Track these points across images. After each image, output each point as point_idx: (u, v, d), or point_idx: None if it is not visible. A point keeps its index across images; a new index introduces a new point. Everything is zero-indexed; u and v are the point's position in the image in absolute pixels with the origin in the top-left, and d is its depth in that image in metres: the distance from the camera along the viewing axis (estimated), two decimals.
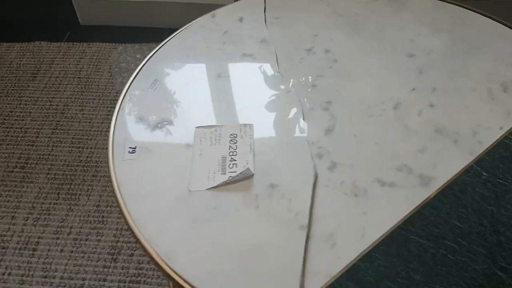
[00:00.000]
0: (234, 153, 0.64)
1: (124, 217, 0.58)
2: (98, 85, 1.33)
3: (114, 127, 0.68)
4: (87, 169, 1.12)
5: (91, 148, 1.17)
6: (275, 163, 0.63)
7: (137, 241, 0.56)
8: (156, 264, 0.53)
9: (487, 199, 0.57)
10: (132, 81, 0.75)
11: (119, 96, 0.72)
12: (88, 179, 1.10)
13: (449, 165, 0.62)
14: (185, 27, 0.85)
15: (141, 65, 0.78)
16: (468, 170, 0.61)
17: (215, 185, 0.60)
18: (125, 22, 1.55)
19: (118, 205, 0.59)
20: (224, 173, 0.61)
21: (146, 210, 0.58)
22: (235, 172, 0.61)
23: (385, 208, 0.58)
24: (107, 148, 0.66)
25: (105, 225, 1.01)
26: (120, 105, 0.71)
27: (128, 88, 0.74)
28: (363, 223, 0.56)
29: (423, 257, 0.52)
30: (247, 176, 0.61)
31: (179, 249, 0.54)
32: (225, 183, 0.60)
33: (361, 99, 0.71)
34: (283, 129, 0.67)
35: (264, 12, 0.87)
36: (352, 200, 0.59)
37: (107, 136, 1.20)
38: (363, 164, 0.63)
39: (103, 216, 1.03)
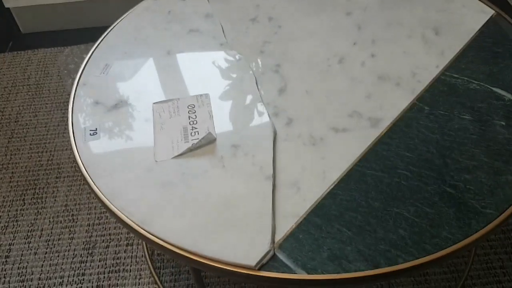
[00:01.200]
0: (195, 122, 0.66)
1: (95, 194, 0.59)
2: (49, 90, 1.31)
3: (72, 113, 0.69)
4: (50, 172, 1.11)
5: (50, 151, 1.16)
6: (235, 126, 0.66)
7: (111, 213, 0.57)
8: (134, 231, 0.55)
9: (431, 129, 0.63)
10: (83, 68, 0.76)
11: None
12: (52, 181, 1.09)
13: (394, 105, 0.67)
14: (129, 11, 0.86)
15: (90, 53, 0.78)
16: (411, 108, 0.66)
17: (180, 152, 0.62)
18: (68, 25, 1.52)
19: (87, 184, 0.60)
20: (187, 141, 0.63)
21: (116, 184, 0.60)
22: (198, 139, 0.63)
23: (342, 151, 0.62)
24: (67, 135, 0.66)
25: (76, 222, 1.01)
26: (75, 92, 0.72)
27: (80, 76, 0.75)
28: (323, 167, 0.60)
29: (380, 186, 0.56)
30: (210, 141, 0.63)
31: (153, 214, 0.56)
32: (189, 150, 0.62)
33: (308, 58, 0.75)
34: (239, 94, 0.70)
35: None
36: (311, 148, 0.62)
37: (65, 137, 1.19)
38: (317, 116, 0.66)
39: (72, 215, 1.02)
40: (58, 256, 0.96)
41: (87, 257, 0.96)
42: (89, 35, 1.49)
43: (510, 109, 0.64)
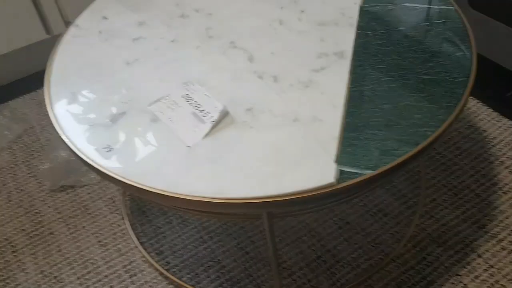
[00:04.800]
0: (199, 106, 0.70)
1: (168, 196, 0.59)
2: None
3: (70, 140, 0.66)
4: (1, 251, 0.99)
5: None
6: (235, 96, 0.71)
7: (194, 202, 0.58)
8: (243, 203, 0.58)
9: (384, 45, 0.77)
10: (51, 104, 0.72)
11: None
12: (10, 258, 0.97)
13: (345, 39, 0.80)
14: (57, 43, 0.83)
15: (46, 92, 0.75)
16: (358, 36, 0.80)
17: (207, 132, 0.66)
18: None
19: (142, 191, 0.60)
20: (204, 123, 0.67)
21: (174, 176, 0.61)
22: (213, 117, 0.67)
23: (332, 83, 0.72)
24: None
25: (63, 282, 0.93)
26: (58, 122, 0.69)
27: (52, 110, 0.71)
28: (328, 99, 0.70)
29: (379, 94, 0.69)
30: (225, 115, 0.68)
31: (225, 184, 0.59)
32: (213, 127, 0.66)
33: (253, 29, 0.84)
34: (218, 73, 0.75)
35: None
36: (307, 90, 0.71)
37: (10, 205, 1.07)
38: (295, 66, 0.76)
39: (55, 277, 0.94)
40: None
41: None
42: None
43: (424, 14, 0.82)
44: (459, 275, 0.89)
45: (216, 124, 0.67)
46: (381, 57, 0.75)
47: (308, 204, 0.58)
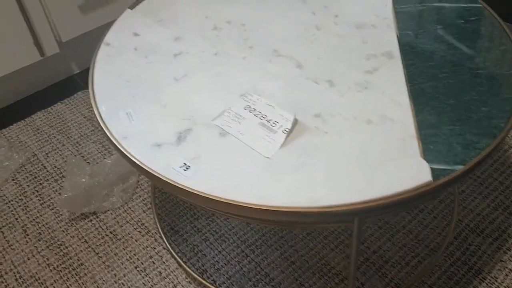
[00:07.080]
0: (265, 116, 0.68)
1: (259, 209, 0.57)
2: None
3: (145, 167, 0.63)
4: None
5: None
6: (298, 103, 0.70)
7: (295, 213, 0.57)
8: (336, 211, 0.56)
9: (428, 43, 0.79)
10: (107, 128, 0.69)
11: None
12: None
13: (387, 40, 0.81)
14: (93, 62, 0.79)
15: (97, 113, 0.71)
16: (400, 36, 0.81)
17: (282, 142, 0.64)
18: None
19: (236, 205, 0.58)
20: (276, 132, 0.66)
21: (263, 190, 0.59)
22: (282, 126, 0.66)
23: (390, 83, 0.73)
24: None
25: None
26: (122, 146, 0.65)
27: (111, 133, 0.67)
28: (391, 98, 0.70)
29: (440, 90, 0.70)
30: (296, 122, 0.67)
31: (319, 188, 0.58)
32: (287, 137, 0.65)
33: (292, 36, 0.83)
34: (272, 83, 0.74)
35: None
36: (368, 92, 0.72)
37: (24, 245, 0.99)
38: (346, 70, 0.76)
39: None
40: None
41: None
42: None
43: (455, 13, 0.85)
44: (502, 261, 0.92)
45: (289, 133, 0.66)
46: (429, 54, 0.76)
47: (406, 205, 0.58)
